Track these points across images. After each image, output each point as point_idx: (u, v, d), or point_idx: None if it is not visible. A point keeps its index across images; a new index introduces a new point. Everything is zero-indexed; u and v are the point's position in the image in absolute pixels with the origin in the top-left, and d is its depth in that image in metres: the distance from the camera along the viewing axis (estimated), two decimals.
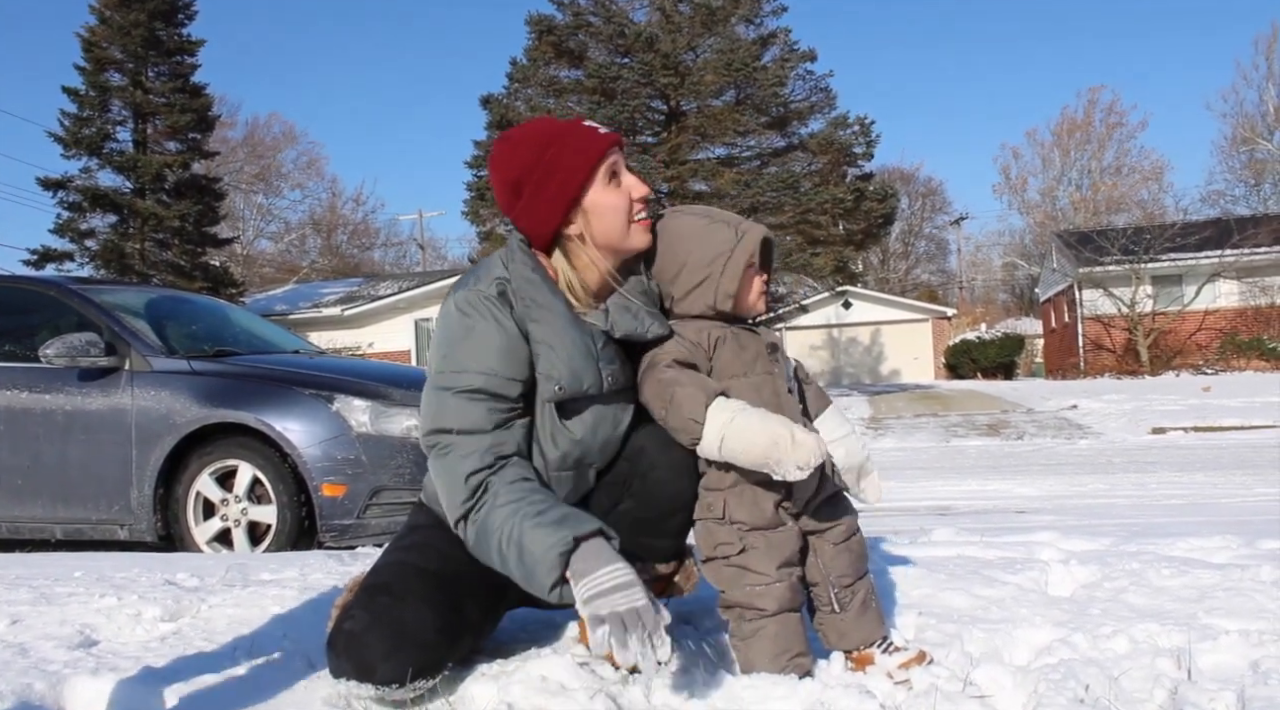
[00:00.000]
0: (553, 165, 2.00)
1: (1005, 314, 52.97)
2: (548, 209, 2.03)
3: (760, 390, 2.05)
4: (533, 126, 2.08)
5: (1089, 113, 49.36)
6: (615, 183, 2.04)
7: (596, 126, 2.05)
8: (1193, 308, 29.40)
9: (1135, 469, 9.40)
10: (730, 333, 2.10)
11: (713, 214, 2.17)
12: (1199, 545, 3.51)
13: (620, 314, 2.06)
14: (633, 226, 2.05)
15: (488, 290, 2.01)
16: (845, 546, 2.11)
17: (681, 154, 22.90)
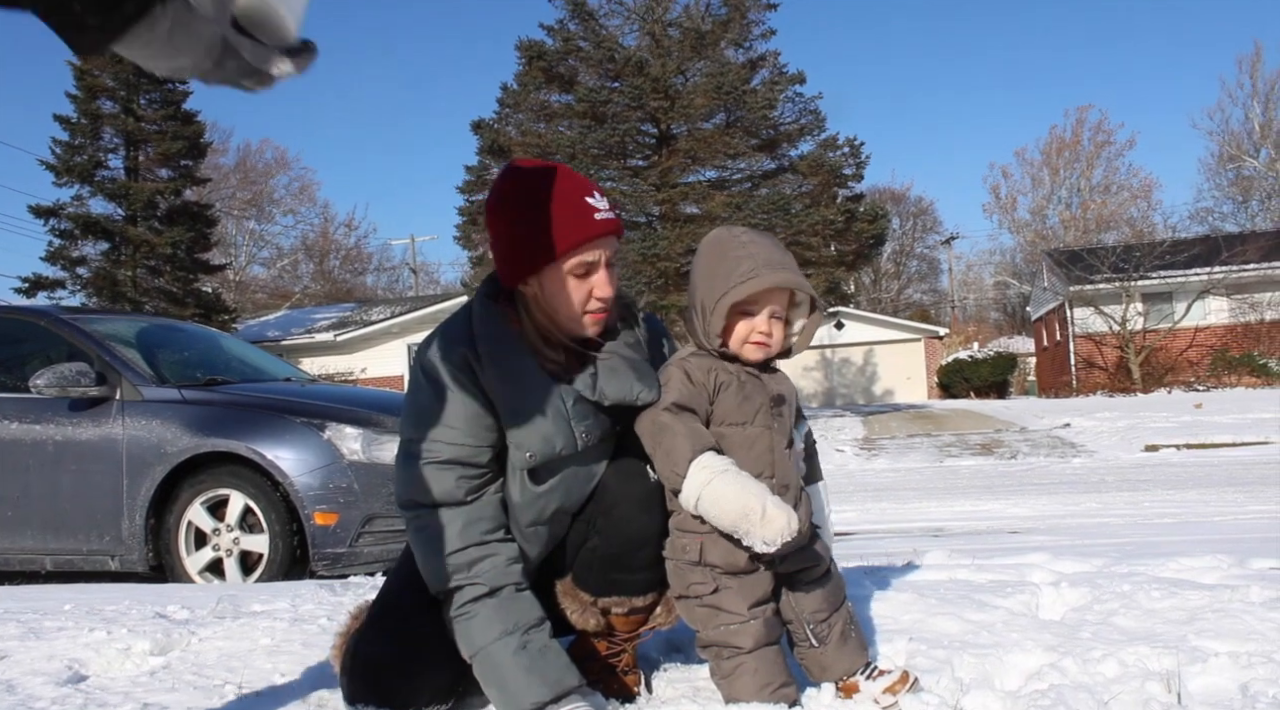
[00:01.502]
0: (537, 226, 1.94)
1: (998, 333, 53.11)
2: (515, 261, 1.99)
3: (755, 444, 2.01)
4: (541, 178, 1.98)
5: (1077, 131, 49.76)
6: (584, 276, 1.95)
7: (600, 209, 1.96)
8: (1183, 325, 29.53)
9: (1128, 487, 9.41)
10: (737, 378, 2.04)
11: (749, 244, 2.06)
12: (1189, 565, 3.52)
13: (608, 379, 2.00)
14: (584, 317, 1.99)
15: (453, 357, 1.98)
16: (817, 584, 2.09)
17: (672, 177, 23.00)
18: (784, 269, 2.01)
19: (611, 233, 1.97)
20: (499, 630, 1.89)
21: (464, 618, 1.92)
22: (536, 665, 1.87)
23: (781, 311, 2.05)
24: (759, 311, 2.03)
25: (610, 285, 1.97)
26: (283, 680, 2.39)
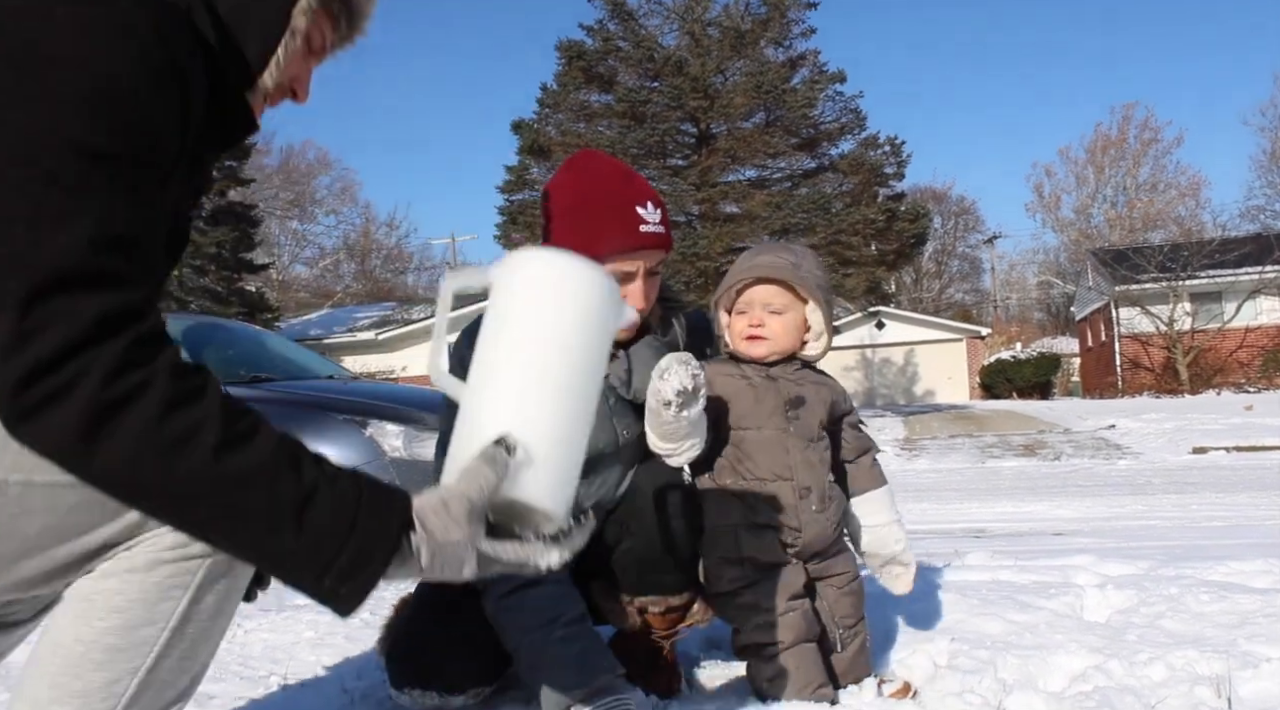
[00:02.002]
0: (580, 226, 1.95)
1: (1041, 333, 52.46)
2: None
3: (771, 446, 2.05)
4: (600, 176, 1.99)
5: (1123, 129, 48.97)
6: (621, 282, 1.94)
7: (649, 221, 1.94)
8: (1233, 325, 29.00)
9: (1175, 490, 9.25)
10: (749, 383, 2.08)
11: (754, 254, 2.12)
12: (1239, 569, 3.46)
13: (643, 376, 2.00)
14: None
15: None
16: (848, 590, 2.13)
17: (712, 176, 22.96)
18: (763, 263, 2.06)
19: (655, 247, 1.97)
20: (542, 620, 1.91)
21: (506, 609, 1.94)
22: (578, 656, 1.88)
23: (780, 304, 2.06)
24: (749, 307, 2.08)
25: (645, 298, 1.98)
26: (325, 672, 2.43)
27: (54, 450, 0.96)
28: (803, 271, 2.06)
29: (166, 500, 1.01)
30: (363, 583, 1.06)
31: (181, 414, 0.98)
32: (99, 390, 0.94)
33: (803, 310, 2.09)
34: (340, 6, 1.26)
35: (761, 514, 2.03)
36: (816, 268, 2.12)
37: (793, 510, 2.05)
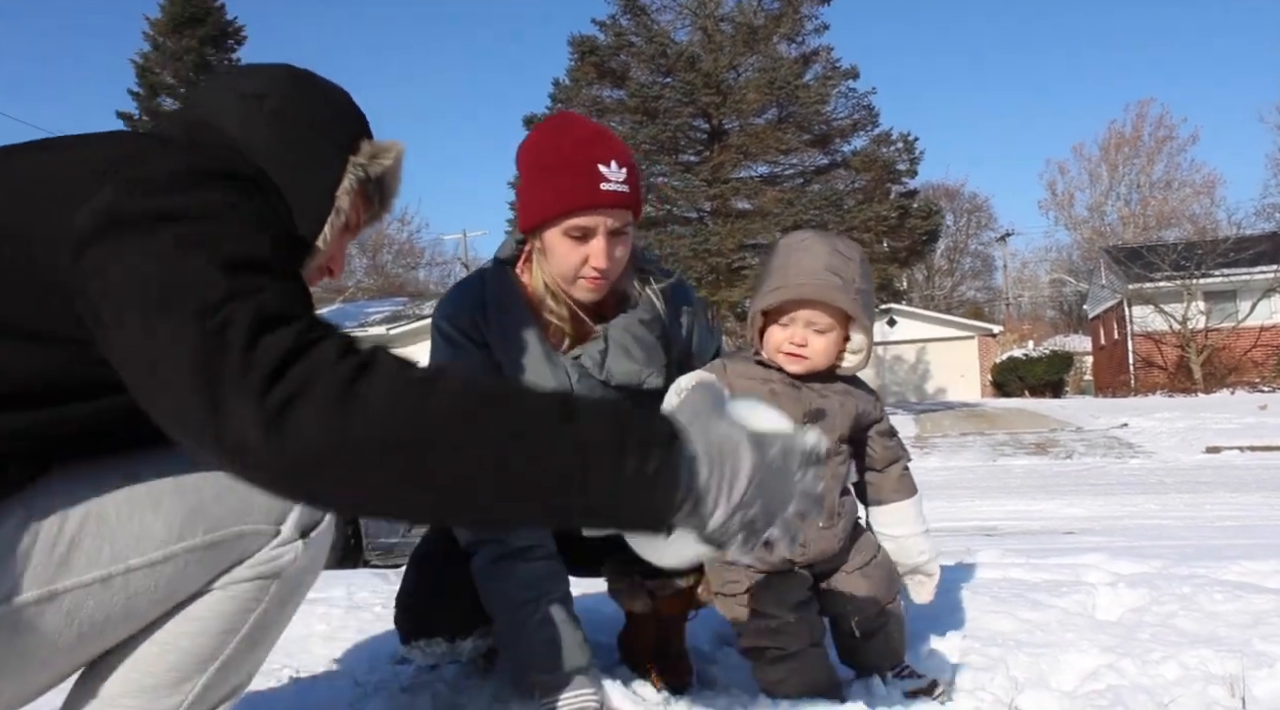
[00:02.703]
0: (543, 183, 1.96)
1: (1053, 331, 52.24)
2: (521, 210, 2.03)
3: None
4: (566, 135, 1.99)
5: (1137, 126, 48.66)
6: (581, 240, 1.94)
7: (611, 179, 1.92)
8: (1248, 324, 28.83)
9: (1188, 489, 9.22)
10: (771, 390, 2.01)
11: (795, 249, 2.01)
12: (1253, 568, 3.43)
13: (618, 358, 2.02)
14: (578, 281, 1.99)
15: (462, 320, 2.04)
16: (865, 573, 2.07)
17: (724, 172, 22.95)
18: (814, 282, 1.95)
19: (617, 205, 1.94)
20: (522, 596, 1.92)
21: (489, 577, 1.96)
22: (555, 640, 1.90)
23: (825, 324, 1.98)
24: (792, 323, 1.99)
25: (606, 257, 1.95)
26: (337, 666, 2.43)
27: (315, 438, 0.98)
28: (852, 291, 1.97)
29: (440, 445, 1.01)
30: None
31: (408, 371, 1.06)
32: (334, 371, 1.01)
33: (846, 326, 2.02)
34: (375, 187, 1.40)
35: None
36: (864, 278, 2.02)
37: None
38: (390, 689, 2.17)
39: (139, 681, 1.17)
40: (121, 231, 1.05)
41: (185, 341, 0.99)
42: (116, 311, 1.03)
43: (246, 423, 0.96)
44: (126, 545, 1.12)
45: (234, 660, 1.24)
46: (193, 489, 1.19)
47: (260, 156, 1.27)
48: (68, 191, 1.08)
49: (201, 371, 0.98)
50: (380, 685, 2.20)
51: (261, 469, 0.99)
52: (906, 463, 2.18)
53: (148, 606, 1.16)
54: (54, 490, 1.10)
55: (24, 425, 1.07)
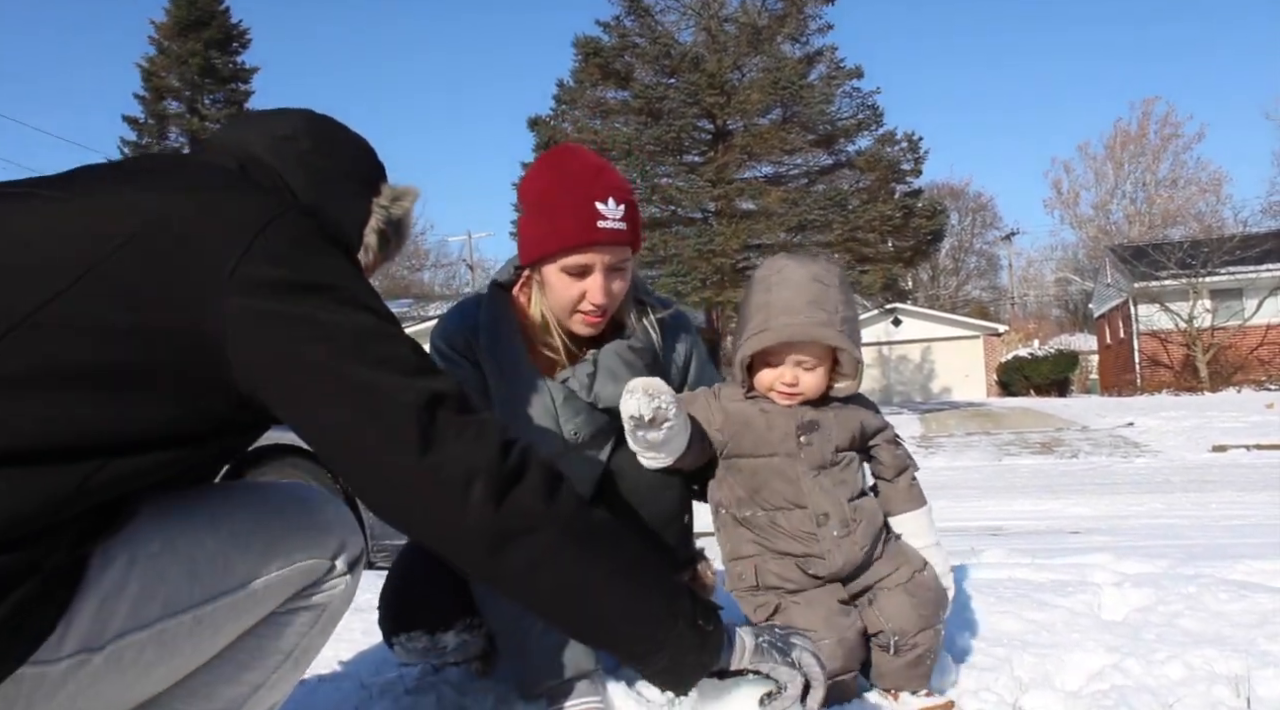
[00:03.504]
0: (541, 219, 1.99)
1: (1058, 330, 52.13)
2: (521, 244, 2.06)
3: (781, 473, 1.99)
4: (565, 170, 2.01)
5: (1143, 125, 48.49)
6: (578, 276, 1.97)
7: (608, 217, 1.94)
8: (1254, 322, 28.76)
9: (1195, 488, 9.20)
10: (761, 410, 2.02)
11: (774, 287, 1.98)
12: (1259, 568, 3.43)
13: (605, 382, 2.05)
14: (574, 315, 2.02)
15: (458, 340, 2.08)
16: (905, 590, 2.02)
17: (728, 173, 22.93)
18: (798, 321, 1.93)
19: (614, 243, 1.96)
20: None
21: (492, 591, 1.94)
22: (559, 647, 1.90)
23: (814, 361, 1.97)
24: (781, 362, 1.98)
25: (604, 294, 1.98)
26: (342, 668, 2.44)
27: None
28: (838, 322, 1.95)
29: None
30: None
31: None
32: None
33: (834, 355, 2.00)
34: (394, 230, 1.48)
35: (779, 542, 1.99)
36: (846, 303, 2.00)
37: (812, 538, 1.97)
38: (395, 691, 2.17)
39: (200, 703, 1.26)
40: (286, 315, 1.14)
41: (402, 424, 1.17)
42: (307, 390, 1.16)
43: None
44: (215, 582, 1.21)
45: (278, 681, 1.34)
46: (266, 526, 1.29)
47: (302, 195, 1.33)
48: (210, 256, 1.14)
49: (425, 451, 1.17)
50: (386, 688, 2.21)
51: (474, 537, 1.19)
52: (915, 472, 2.16)
53: (226, 635, 1.26)
54: (152, 534, 1.17)
55: (147, 467, 1.13)
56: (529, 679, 1.93)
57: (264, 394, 1.16)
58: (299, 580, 1.30)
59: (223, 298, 1.11)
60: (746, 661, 1.41)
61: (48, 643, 1.06)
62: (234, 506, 1.28)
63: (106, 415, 1.09)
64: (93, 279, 1.09)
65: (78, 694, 1.11)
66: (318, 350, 1.14)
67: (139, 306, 1.10)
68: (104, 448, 1.09)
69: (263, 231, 1.14)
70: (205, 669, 1.25)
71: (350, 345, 1.15)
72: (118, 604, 1.12)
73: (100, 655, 1.11)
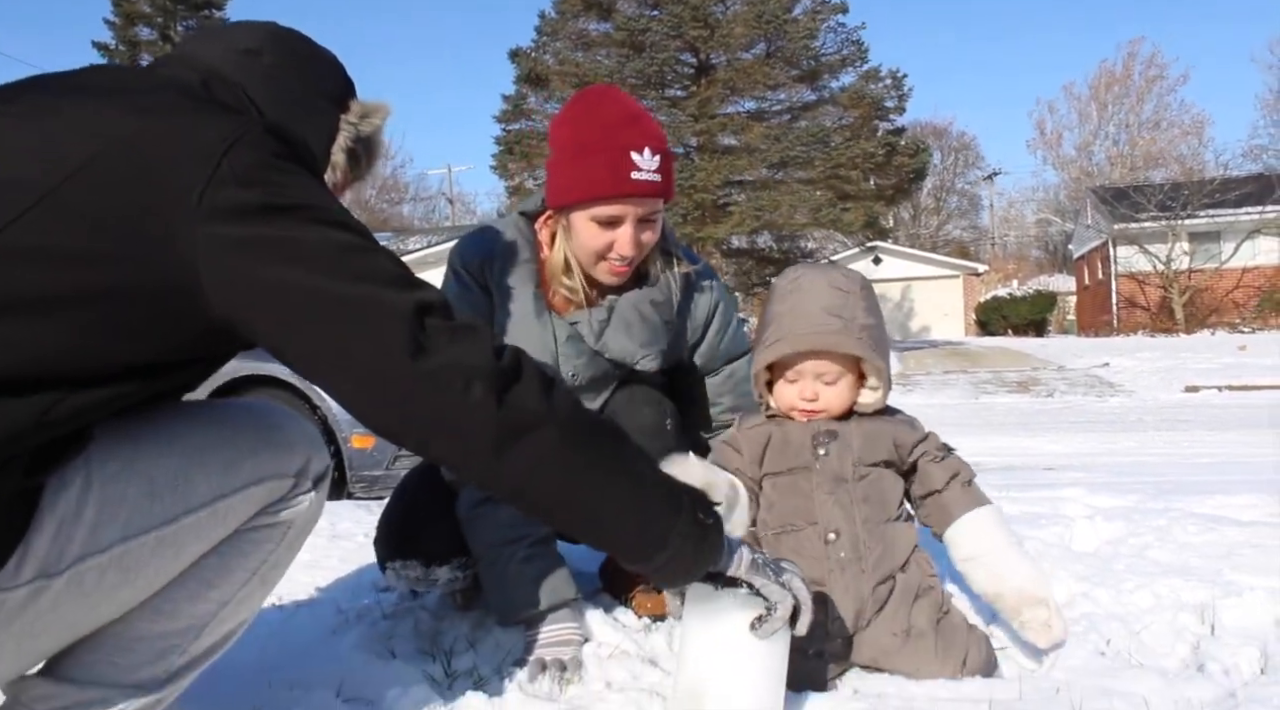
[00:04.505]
0: (573, 164, 1.94)
1: (1038, 271, 52.36)
2: (550, 188, 2.02)
3: (790, 491, 1.87)
4: (601, 116, 1.95)
5: (1128, 66, 48.24)
6: (607, 226, 1.94)
7: (644, 168, 1.89)
8: (1231, 265, 28.96)
9: (1167, 427, 9.32)
10: (778, 426, 1.92)
11: (790, 295, 1.88)
12: (1227, 502, 3.48)
13: (616, 332, 2.04)
14: (600, 263, 1.99)
15: (473, 264, 2.07)
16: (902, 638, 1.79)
17: (711, 108, 22.69)
18: (814, 330, 1.82)
19: (647, 195, 1.93)
20: (506, 536, 1.94)
21: (477, 518, 1.98)
22: (536, 579, 1.92)
23: (834, 374, 1.85)
24: (799, 377, 1.87)
25: (633, 246, 1.95)
26: (320, 594, 2.45)
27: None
28: (856, 329, 1.83)
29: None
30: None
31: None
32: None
33: (858, 367, 1.88)
34: (363, 148, 1.44)
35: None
36: (868, 311, 1.87)
37: (819, 559, 1.81)
38: (372, 616, 2.19)
39: (165, 622, 1.25)
40: (261, 239, 1.12)
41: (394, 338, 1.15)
42: (289, 315, 1.14)
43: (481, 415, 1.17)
44: (176, 503, 1.20)
45: (245, 598, 1.33)
46: (226, 445, 1.27)
47: (267, 112, 1.29)
48: (174, 182, 1.10)
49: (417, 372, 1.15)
50: (363, 612, 2.22)
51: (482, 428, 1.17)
52: (972, 476, 1.97)
53: (190, 554, 1.25)
54: (108, 457, 1.15)
55: (109, 399, 1.12)
56: (508, 607, 1.94)
57: (243, 321, 1.13)
58: (262, 497, 1.30)
59: (191, 226, 1.08)
60: (743, 571, 1.40)
61: (4, 570, 1.05)
62: (194, 425, 1.26)
63: (67, 345, 1.07)
64: (51, 203, 1.05)
65: (38, 618, 1.10)
66: (296, 271, 1.12)
67: (101, 233, 1.07)
68: (65, 379, 1.07)
69: (228, 153, 1.11)
70: (170, 588, 1.24)
71: (329, 263, 1.13)
72: (75, 529, 1.11)
73: (60, 580, 1.10)
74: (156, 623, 1.24)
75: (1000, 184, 70.22)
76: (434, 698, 1.68)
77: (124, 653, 1.23)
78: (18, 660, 1.16)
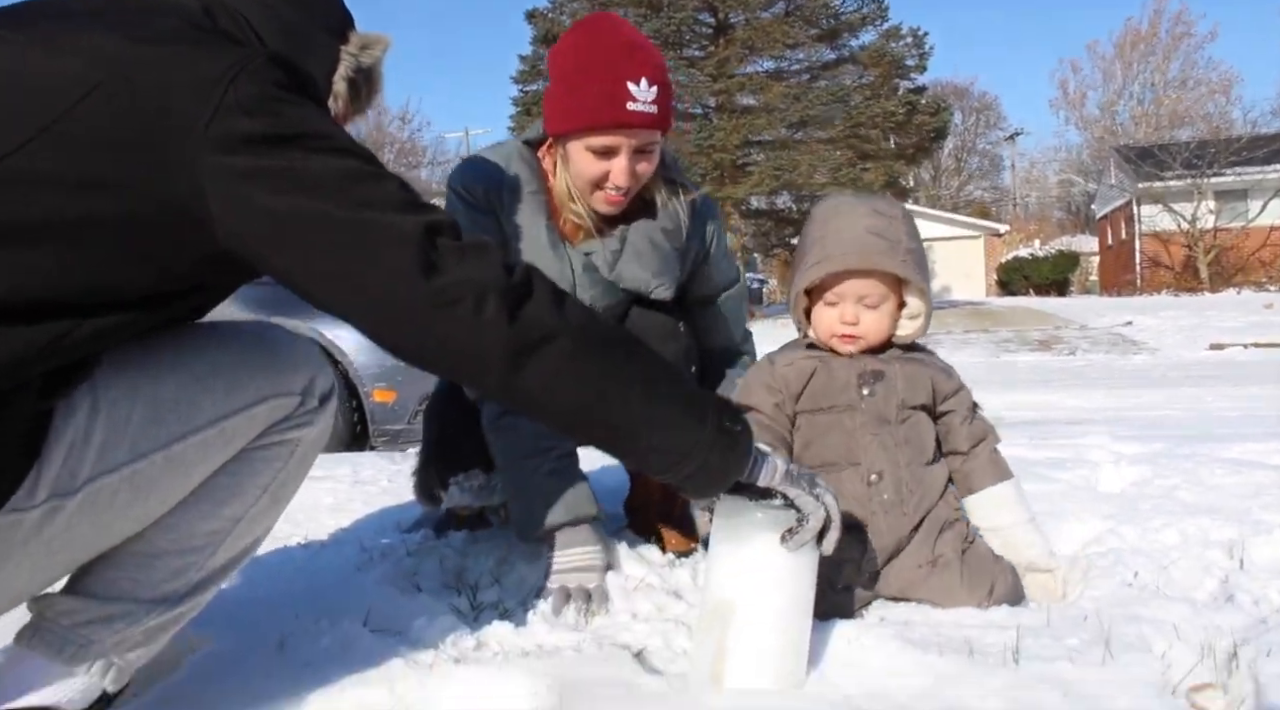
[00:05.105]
0: (570, 93, 1.94)
1: (1060, 231, 51.77)
2: (547, 117, 2.01)
3: (832, 430, 1.84)
4: (599, 45, 1.94)
5: (1154, 23, 47.29)
6: (603, 155, 1.94)
7: (639, 99, 1.88)
8: (1257, 223, 28.55)
9: (1191, 383, 9.24)
10: (821, 362, 1.87)
11: (832, 218, 1.84)
12: (1254, 448, 3.46)
13: (630, 261, 2.04)
14: (596, 193, 1.99)
15: (477, 191, 2.04)
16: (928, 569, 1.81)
17: (729, 67, 22.47)
18: (857, 249, 1.78)
19: (642, 126, 1.92)
20: (533, 449, 1.95)
21: (501, 429, 1.99)
22: (561, 490, 1.93)
23: (877, 296, 1.82)
24: (840, 300, 1.83)
25: (627, 176, 1.95)
26: (344, 534, 2.47)
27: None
28: (901, 251, 1.79)
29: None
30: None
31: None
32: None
33: (899, 293, 1.85)
34: (364, 79, 1.43)
35: None
36: (910, 236, 1.83)
37: (861, 500, 1.80)
38: (397, 553, 2.20)
39: (182, 539, 1.28)
40: (268, 168, 1.12)
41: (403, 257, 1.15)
42: (302, 244, 1.14)
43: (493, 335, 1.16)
44: (181, 422, 1.22)
45: (258, 515, 1.35)
46: (229, 366, 1.29)
47: (268, 41, 1.29)
48: (179, 112, 1.10)
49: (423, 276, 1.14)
50: (387, 551, 2.23)
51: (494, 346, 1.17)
52: (997, 442, 1.96)
53: (199, 473, 1.27)
54: (113, 381, 1.17)
55: (118, 327, 1.14)
56: (528, 520, 1.95)
57: (251, 250, 1.14)
58: (268, 416, 1.31)
59: (198, 156, 1.09)
60: (778, 482, 1.39)
61: (20, 492, 1.08)
62: (197, 347, 1.28)
63: (76, 273, 1.08)
64: (57, 131, 1.06)
65: (55, 537, 1.13)
66: (304, 199, 1.12)
67: (106, 161, 1.07)
68: (75, 307, 1.08)
69: (233, 83, 1.11)
70: (183, 506, 1.26)
71: (337, 189, 1.14)
72: (85, 451, 1.13)
73: (73, 500, 1.13)
74: (173, 541, 1.26)
75: (1022, 144, 69.30)
76: (460, 627, 1.69)
77: (143, 570, 1.25)
78: (39, 577, 1.19)
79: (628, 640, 1.63)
